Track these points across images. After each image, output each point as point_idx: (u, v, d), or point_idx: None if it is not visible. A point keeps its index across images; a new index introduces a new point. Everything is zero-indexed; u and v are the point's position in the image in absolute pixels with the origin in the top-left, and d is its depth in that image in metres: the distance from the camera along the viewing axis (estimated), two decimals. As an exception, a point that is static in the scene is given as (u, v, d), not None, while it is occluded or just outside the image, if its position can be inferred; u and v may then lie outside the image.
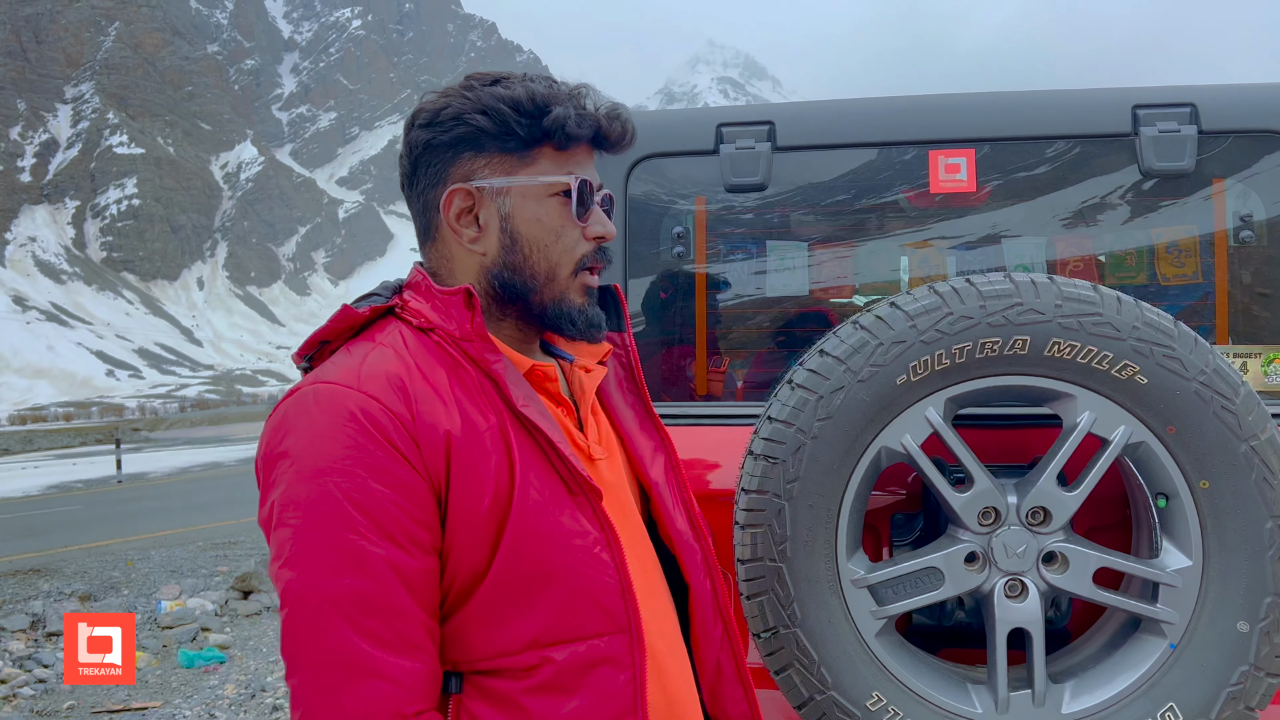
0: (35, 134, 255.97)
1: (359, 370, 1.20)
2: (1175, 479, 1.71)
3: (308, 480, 1.15)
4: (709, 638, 1.43)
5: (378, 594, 1.14)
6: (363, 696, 1.12)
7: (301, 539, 1.14)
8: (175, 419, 66.72)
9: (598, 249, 1.34)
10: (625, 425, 1.45)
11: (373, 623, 1.13)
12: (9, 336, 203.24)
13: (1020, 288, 1.71)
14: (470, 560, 1.20)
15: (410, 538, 1.16)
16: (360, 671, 1.12)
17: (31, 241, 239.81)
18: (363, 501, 1.14)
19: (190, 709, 5.88)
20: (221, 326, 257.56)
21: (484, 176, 1.30)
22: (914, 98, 2.26)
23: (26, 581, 9.80)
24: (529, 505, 1.20)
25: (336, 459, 1.14)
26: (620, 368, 1.49)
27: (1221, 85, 2.14)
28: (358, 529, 1.13)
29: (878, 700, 1.74)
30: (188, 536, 12.71)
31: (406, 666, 1.15)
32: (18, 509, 18.32)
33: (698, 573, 1.42)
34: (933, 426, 1.75)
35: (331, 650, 1.12)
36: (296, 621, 1.14)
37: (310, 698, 1.13)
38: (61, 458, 34.69)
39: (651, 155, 2.23)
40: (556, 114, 1.26)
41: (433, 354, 1.25)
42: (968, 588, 1.77)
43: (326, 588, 1.12)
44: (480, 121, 1.27)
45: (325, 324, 1.31)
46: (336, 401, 1.17)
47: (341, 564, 1.13)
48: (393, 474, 1.16)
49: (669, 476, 1.44)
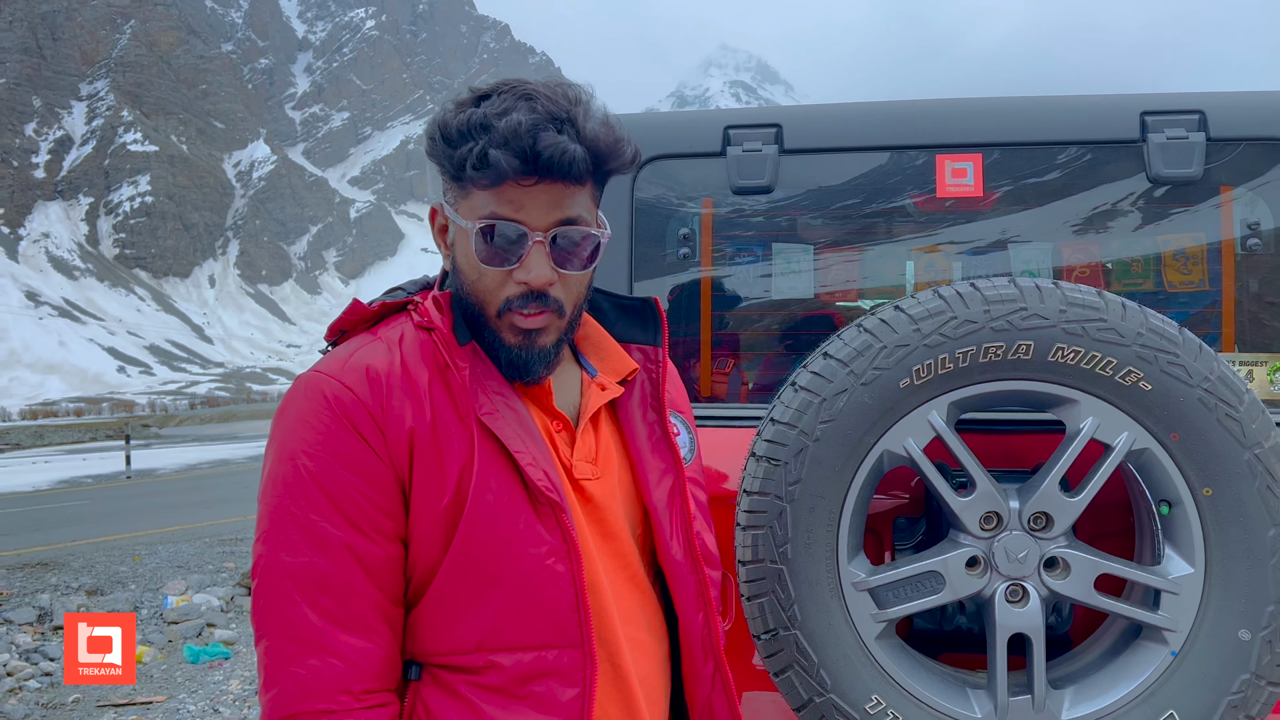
0: (50, 131, 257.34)
1: (345, 361, 1.25)
2: (1178, 486, 1.70)
3: (284, 461, 1.21)
4: (698, 676, 1.39)
5: (334, 573, 1.18)
6: (312, 669, 1.17)
7: (273, 516, 1.20)
8: (185, 416, 66.99)
9: (531, 294, 1.25)
10: (637, 444, 1.41)
11: (327, 601, 1.18)
12: (22, 332, 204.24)
13: (1024, 292, 1.71)
14: (426, 554, 1.23)
15: (370, 523, 1.20)
16: (312, 646, 1.17)
17: (45, 238, 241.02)
18: (327, 484, 1.19)
19: (195, 704, 5.90)
20: (232, 324, 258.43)
21: (447, 200, 1.30)
22: (921, 102, 2.26)
23: (34, 575, 9.85)
24: (482, 510, 1.22)
25: (308, 442, 1.20)
26: (648, 383, 1.45)
27: (1230, 92, 2.13)
28: (320, 510, 1.19)
29: (877, 703, 1.74)
30: (195, 533, 12.76)
31: (357, 645, 1.19)
32: (27, 503, 18.41)
33: (689, 606, 1.38)
34: (935, 430, 1.75)
35: (289, 623, 1.18)
36: (263, 593, 1.20)
37: (271, 665, 1.19)
38: (72, 453, 34.86)
39: (658, 157, 2.24)
40: (463, 151, 1.21)
41: (426, 353, 1.27)
42: (969, 592, 1.77)
43: (289, 564, 1.18)
44: (426, 145, 1.27)
45: (339, 317, 1.36)
46: (316, 389, 1.23)
47: (304, 542, 1.18)
48: (358, 460, 1.20)
49: (673, 501, 1.39)
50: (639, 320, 1.49)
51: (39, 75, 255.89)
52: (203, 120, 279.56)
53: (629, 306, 1.52)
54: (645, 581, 1.37)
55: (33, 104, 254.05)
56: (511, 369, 1.29)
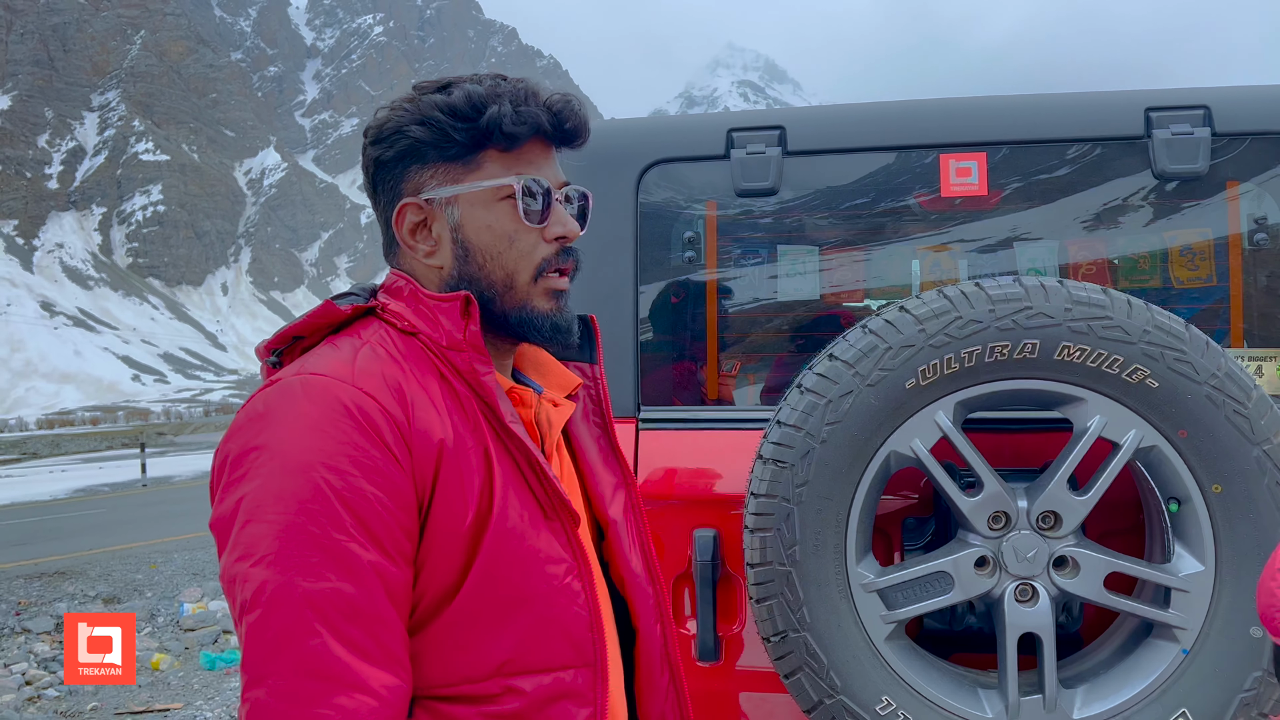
0: (62, 141, 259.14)
1: (352, 365, 1.13)
2: (1187, 483, 1.70)
3: (294, 474, 1.05)
4: (654, 686, 1.37)
5: (364, 601, 1.05)
6: (342, 710, 1.02)
7: (283, 536, 1.03)
8: (199, 423, 67.33)
9: (561, 250, 1.26)
10: (588, 459, 1.38)
11: (356, 632, 1.04)
12: (37, 342, 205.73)
13: (1030, 291, 1.70)
14: (441, 577, 1.13)
15: (396, 545, 1.09)
16: (340, 683, 1.02)
17: (59, 248, 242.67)
18: (353, 501, 1.05)
19: (211, 711, 5.93)
20: (245, 331, 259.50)
21: (431, 188, 1.24)
22: (925, 101, 2.26)
23: (52, 584, 9.92)
24: (508, 527, 1.15)
25: (328, 453, 1.06)
26: (589, 400, 1.42)
27: (1235, 87, 2.13)
28: (346, 529, 1.05)
29: (887, 704, 1.74)
30: (210, 540, 12.77)
31: (388, 681, 1.06)
32: (45, 512, 18.53)
33: (648, 617, 1.35)
34: (942, 430, 1.75)
35: (311, 657, 1.02)
36: (270, 625, 1.02)
37: (281, 709, 1.01)
38: (88, 461, 35.07)
39: (662, 160, 2.24)
40: (491, 114, 1.19)
41: (423, 361, 1.19)
42: (978, 592, 1.77)
43: (308, 590, 1.02)
44: (418, 133, 1.22)
45: (302, 318, 1.23)
46: (330, 394, 1.09)
47: (328, 565, 1.03)
48: (386, 476, 1.08)
49: (628, 515, 1.37)
50: None
51: (51, 87, 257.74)
52: (213, 129, 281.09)
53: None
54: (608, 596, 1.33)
55: (45, 115, 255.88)
56: (554, 330, 1.26)
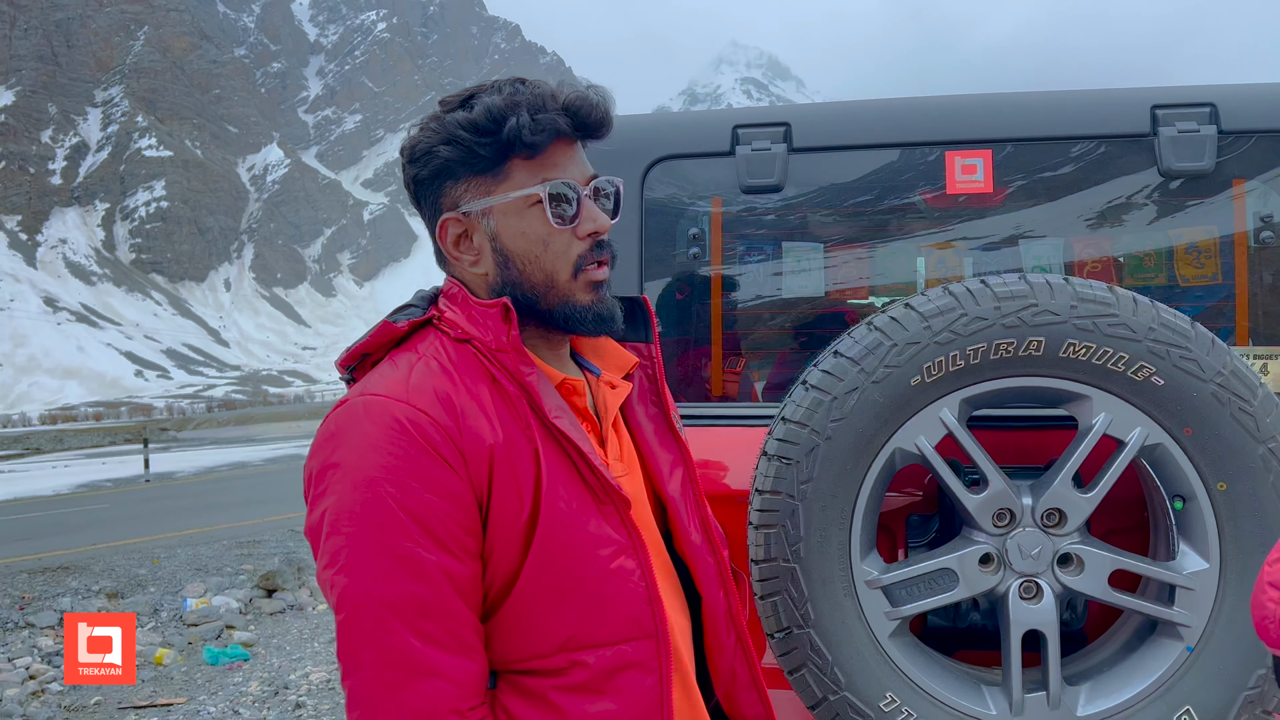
0: (66, 137, 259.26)
1: (406, 383, 1.24)
2: (1192, 481, 1.70)
3: (362, 488, 1.18)
4: (722, 646, 1.45)
5: (433, 598, 1.18)
6: (423, 694, 1.17)
7: (356, 546, 1.17)
8: (202, 419, 67.39)
9: (594, 245, 1.33)
10: (645, 438, 1.46)
11: (429, 625, 1.18)
12: (40, 337, 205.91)
13: (1035, 289, 1.70)
14: (505, 567, 1.24)
15: (459, 544, 1.21)
16: (419, 671, 1.17)
17: (62, 243, 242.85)
18: (415, 510, 1.18)
19: (215, 705, 5.94)
20: (248, 327, 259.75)
21: (467, 201, 1.31)
22: (930, 98, 2.26)
23: (55, 579, 9.94)
24: (556, 516, 1.24)
25: (389, 468, 1.18)
26: (645, 379, 1.49)
27: (1241, 85, 2.12)
28: (412, 536, 1.17)
29: (891, 701, 1.74)
30: (213, 535, 12.84)
31: (462, 665, 1.20)
32: (48, 507, 18.57)
33: (711, 584, 1.44)
34: (947, 428, 1.75)
35: (391, 652, 1.17)
36: (354, 625, 1.17)
37: (371, 697, 1.17)
38: (91, 457, 35.11)
39: (667, 157, 2.24)
40: (510, 126, 1.25)
41: (474, 367, 1.28)
42: (982, 589, 1.77)
43: (383, 592, 1.16)
44: (446, 152, 1.28)
45: (365, 338, 1.34)
46: (386, 413, 1.20)
47: (397, 570, 1.17)
48: (443, 483, 1.19)
49: (685, 490, 1.45)
50: (629, 319, 1.49)
51: (54, 83, 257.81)
52: (216, 125, 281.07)
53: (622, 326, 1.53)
54: (672, 567, 1.43)
55: (49, 111, 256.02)
56: (598, 321, 1.33)
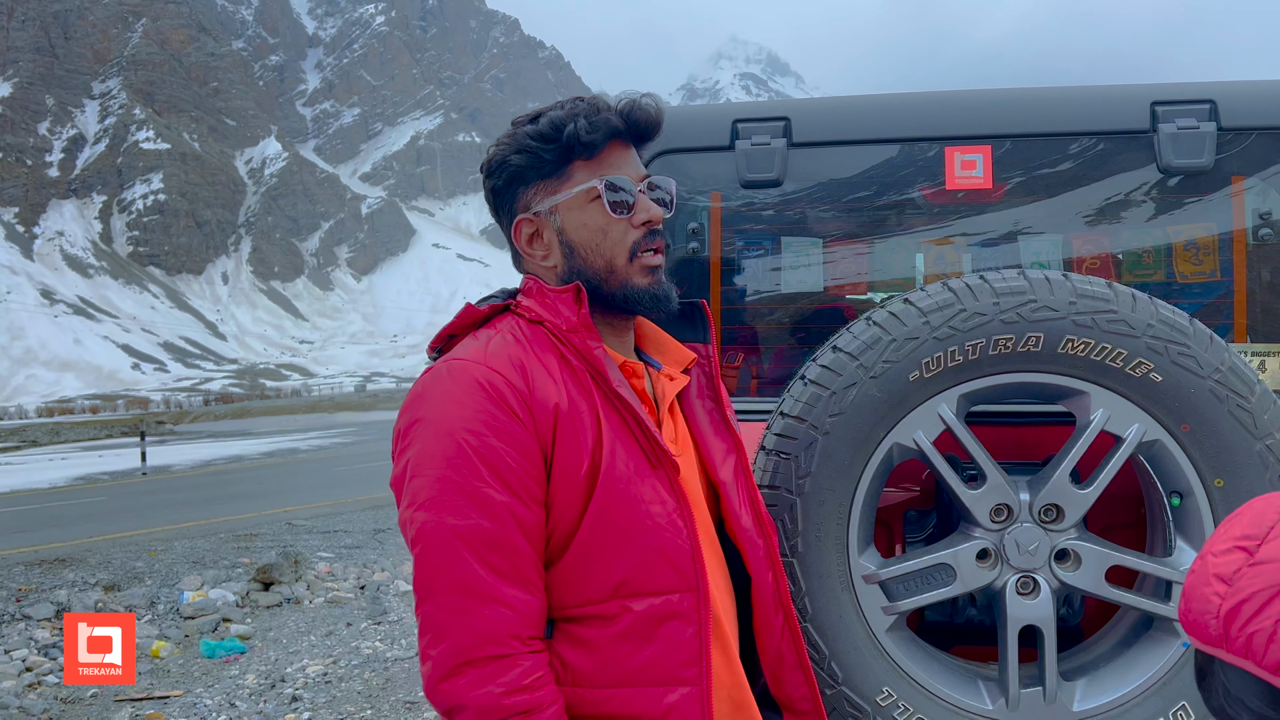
0: (63, 129, 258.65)
1: (485, 350, 1.41)
2: (1190, 477, 1.70)
3: (443, 437, 1.34)
4: (770, 627, 1.55)
5: (500, 533, 1.33)
6: (488, 618, 1.31)
7: (436, 486, 1.33)
8: (199, 412, 67.33)
9: (648, 233, 1.50)
10: (701, 429, 1.59)
11: (495, 558, 1.32)
12: (37, 330, 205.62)
13: (1034, 284, 1.70)
14: (566, 517, 1.38)
15: (526, 490, 1.36)
16: (486, 598, 1.31)
17: (59, 236, 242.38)
18: (488, 456, 1.33)
19: (211, 698, 5.94)
20: (245, 321, 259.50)
21: (537, 203, 1.50)
22: (930, 94, 2.26)
23: (52, 571, 9.93)
24: (615, 473, 1.38)
25: (467, 420, 1.34)
26: (703, 376, 1.63)
27: (1241, 81, 2.12)
28: (484, 478, 1.33)
29: (888, 695, 1.75)
30: (210, 528, 12.84)
31: (523, 597, 1.34)
32: (45, 500, 18.56)
33: (760, 566, 1.54)
34: (945, 423, 1.75)
35: (461, 579, 1.31)
36: (430, 555, 1.33)
37: (442, 619, 1.32)
38: (88, 450, 35.10)
39: (667, 151, 2.24)
40: (569, 130, 1.45)
41: (544, 342, 1.45)
42: (979, 584, 1.77)
43: (457, 527, 1.32)
44: (517, 160, 1.49)
45: (452, 320, 1.52)
46: (467, 374, 1.38)
47: (470, 506, 1.32)
48: (513, 435, 1.35)
49: (738, 478, 1.57)
50: (688, 321, 1.66)
51: (51, 74, 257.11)
52: (214, 118, 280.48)
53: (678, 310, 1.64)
54: (719, 548, 1.54)
55: (46, 103, 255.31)
56: (654, 301, 1.50)
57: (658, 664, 1.38)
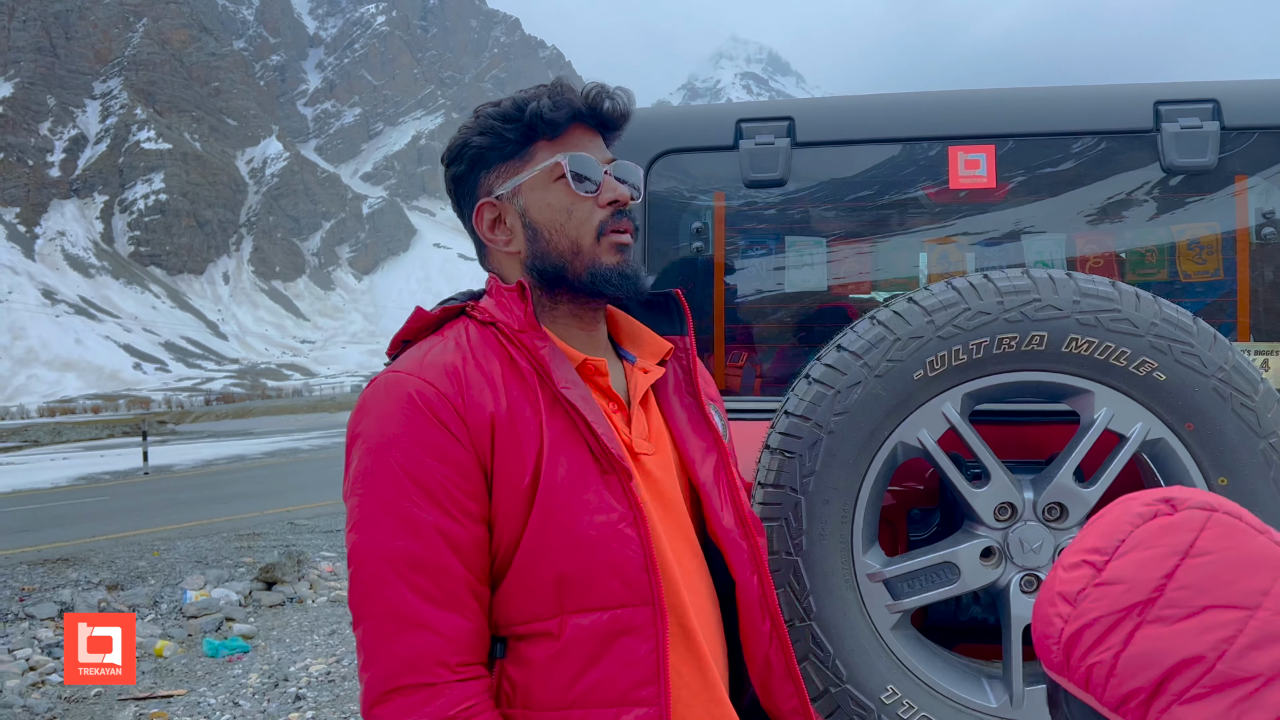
0: (64, 129, 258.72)
1: (421, 360, 1.36)
2: (1193, 476, 1.70)
3: (374, 455, 1.31)
4: (757, 632, 1.49)
5: (428, 555, 1.28)
6: (413, 645, 1.26)
7: (365, 506, 1.30)
8: (201, 412, 67.35)
9: (615, 213, 1.45)
10: (679, 426, 1.53)
11: (423, 580, 1.27)
12: (38, 330, 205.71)
13: (1038, 284, 1.71)
14: (510, 531, 1.32)
15: (459, 507, 1.30)
16: (411, 623, 1.27)
17: (60, 236, 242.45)
18: (416, 473, 1.29)
19: (215, 697, 5.95)
20: (247, 320, 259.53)
21: (499, 186, 1.46)
22: (934, 93, 2.26)
23: (55, 570, 9.94)
24: (556, 482, 1.31)
25: (396, 436, 1.30)
26: (680, 370, 1.57)
27: (1245, 81, 2.12)
28: (412, 497, 1.28)
29: (893, 693, 1.75)
30: (213, 528, 12.85)
31: (452, 621, 1.28)
32: (47, 499, 18.57)
33: (744, 569, 1.48)
34: (949, 422, 1.76)
35: (387, 603, 1.27)
36: (359, 578, 1.30)
37: (371, 644, 1.28)
38: (89, 449, 35.11)
39: (671, 151, 2.24)
40: (532, 108, 1.41)
41: (491, 346, 1.39)
42: (983, 583, 1.77)
43: (384, 549, 1.28)
44: (480, 141, 1.45)
45: (404, 325, 1.46)
46: (400, 387, 1.33)
47: (398, 528, 1.28)
48: (443, 450, 1.30)
49: (719, 477, 1.50)
50: (664, 313, 1.60)
51: (53, 74, 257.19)
52: (215, 117, 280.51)
53: (653, 301, 1.61)
54: (699, 550, 1.48)
55: (47, 103, 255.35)
56: (623, 279, 1.44)
57: (609, 684, 1.30)
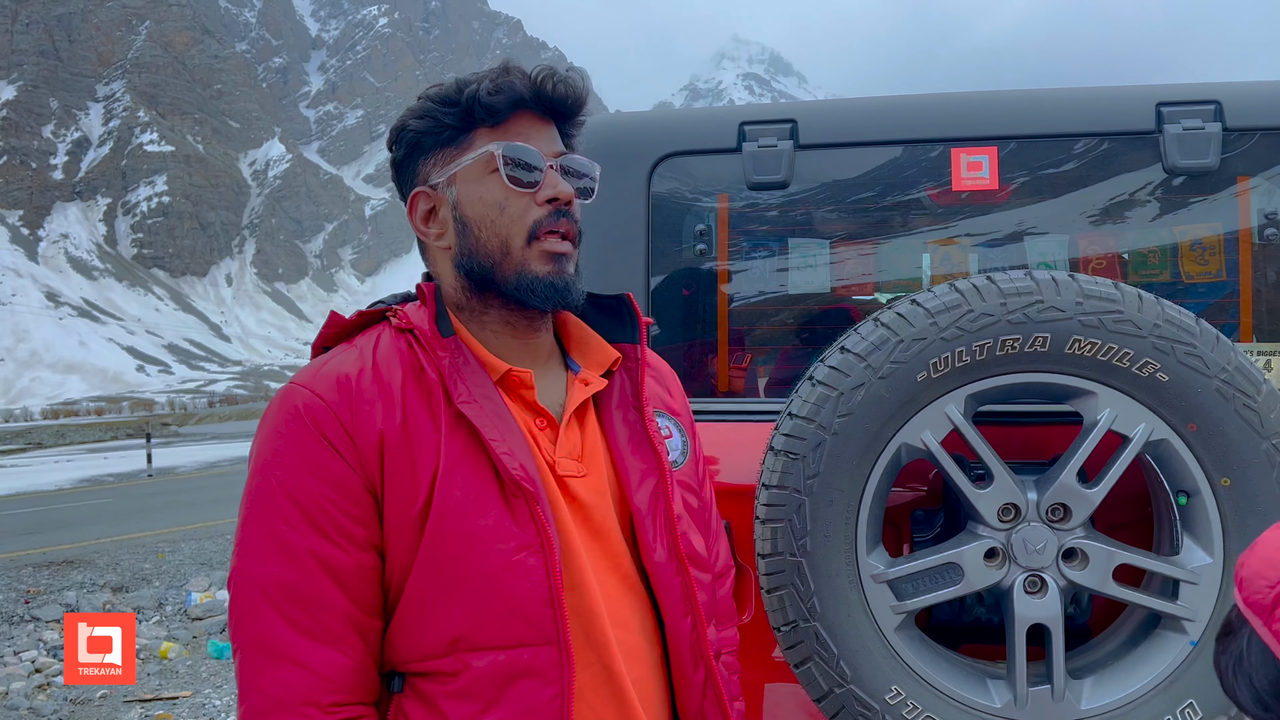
0: (68, 132, 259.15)
1: (316, 371, 1.24)
2: (1196, 476, 1.71)
3: (257, 473, 1.20)
4: (688, 683, 1.35)
5: (303, 584, 1.16)
6: (281, 681, 1.15)
7: (245, 528, 1.19)
8: (204, 414, 67.42)
9: (554, 212, 1.30)
10: (618, 445, 1.37)
11: (297, 611, 1.16)
12: (42, 332, 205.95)
13: (1041, 285, 1.71)
14: (401, 560, 1.20)
15: (340, 531, 1.18)
16: (281, 657, 1.15)
17: (64, 238, 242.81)
18: (295, 493, 1.17)
19: (220, 698, 5.97)
20: (249, 323, 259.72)
21: (435, 175, 1.33)
22: (936, 95, 2.27)
23: (60, 573, 9.97)
24: (450, 505, 1.19)
25: (280, 453, 1.19)
26: (628, 381, 1.41)
27: (1246, 82, 2.13)
28: (288, 519, 1.17)
29: (897, 694, 1.76)
30: (216, 530, 12.87)
31: (327, 656, 1.16)
32: (51, 502, 18.61)
33: (674, 609, 1.33)
34: (953, 423, 1.76)
35: (258, 634, 1.16)
36: (234, 606, 1.19)
37: (243, 677, 1.17)
38: (93, 452, 35.16)
39: (674, 154, 2.25)
40: (469, 90, 1.28)
41: (400, 355, 1.26)
42: (987, 583, 1.78)
43: (258, 575, 1.17)
44: (416, 125, 1.32)
45: (320, 331, 1.35)
46: (288, 400, 1.22)
47: (274, 553, 1.17)
48: (326, 468, 1.18)
49: (655, 503, 1.35)
50: (616, 318, 1.45)
51: (56, 77, 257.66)
52: (218, 120, 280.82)
53: (605, 305, 1.47)
54: (638, 583, 1.33)
55: (50, 106, 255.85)
56: (551, 291, 1.29)
57: None
